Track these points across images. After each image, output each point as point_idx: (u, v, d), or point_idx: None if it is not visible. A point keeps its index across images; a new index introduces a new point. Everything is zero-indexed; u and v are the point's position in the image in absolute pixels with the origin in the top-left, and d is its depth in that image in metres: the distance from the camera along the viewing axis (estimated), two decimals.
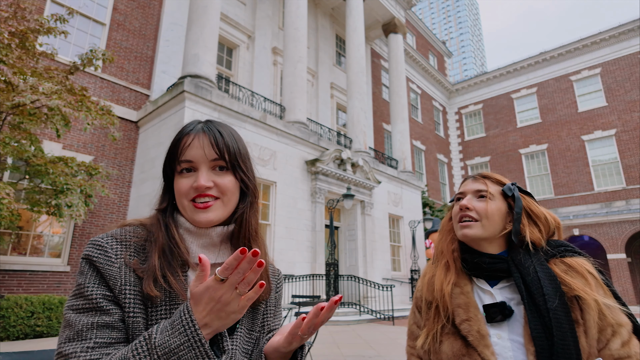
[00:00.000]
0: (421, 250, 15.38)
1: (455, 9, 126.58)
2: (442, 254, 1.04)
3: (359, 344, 6.60)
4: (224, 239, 0.79)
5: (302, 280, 9.88)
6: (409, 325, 1.11)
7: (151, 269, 0.70)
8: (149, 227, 0.77)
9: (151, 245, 0.73)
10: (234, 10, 12.95)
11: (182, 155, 0.75)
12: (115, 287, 0.68)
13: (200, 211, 0.74)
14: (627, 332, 0.83)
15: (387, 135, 19.85)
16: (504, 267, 0.93)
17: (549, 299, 0.84)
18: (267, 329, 0.86)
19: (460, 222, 0.99)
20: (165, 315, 0.69)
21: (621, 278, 16.99)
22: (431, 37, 26.53)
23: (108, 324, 0.65)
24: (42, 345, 5.70)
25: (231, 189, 0.76)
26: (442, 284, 0.98)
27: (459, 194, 1.05)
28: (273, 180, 10.04)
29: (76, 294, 0.67)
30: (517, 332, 0.88)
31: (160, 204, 0.80)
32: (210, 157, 0.75)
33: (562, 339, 0.80)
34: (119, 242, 0.72)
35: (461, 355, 0.90)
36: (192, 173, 0.75)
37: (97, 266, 0.69)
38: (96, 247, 0.70)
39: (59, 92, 5.20)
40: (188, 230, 0.77)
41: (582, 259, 0.93)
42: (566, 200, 20.36)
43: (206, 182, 0.73)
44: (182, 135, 0.77)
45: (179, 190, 0.75)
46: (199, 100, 8.58)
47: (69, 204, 5.33)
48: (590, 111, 20.67)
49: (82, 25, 9.59)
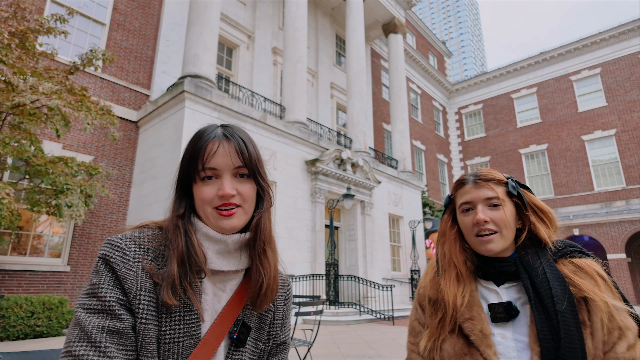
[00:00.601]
0: (421, 250, 15.38)
1: (455, 9, 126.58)
2: (451, 265, 0.97)
3: (359, 344, 6.60)
4: (240, 247, 0.78)
5: (302, 280, 9.88)
6: (411, 322, 1.09)
7: (170, 277, 0.69)
8: (166, 231, 0.76)
9: (170, 251, 0.72)
10: (234, 10, 12.95)
11: (208, 163, 0.75)
12: (131, 292, 0.67)
13: (225, 218, 0.74)
14: (633, 336, 0.82)
15: (387, 135, 19.85)
16: (513, 270, 0.91)
17: (557, 301, 0.83)
18: (275, 341, 0.85)
19: (479, 237, 0.93)
20: (178, 322, 0.69)
21: (621, 278, 16.99)
22: (431, 37, 26.53)
23: (119, 330, 0.64)
24: (42, 345, 5.69)
25: (252, 196, 0.78)
26: (456, 297, 0.93)
27: (465, 204, 0.97)
28: (273, 180, 10.03)
29: (89, 293, 0.67)
30: (522, 332, 0.87)
31: (178, 209, 0.79)
32: (234, 165, 0.75)
33: (569, 341, 0.79)
34: (138, 246, 0.72)
35: (463, 354, 0.89)
36: (213, 180, 0.75)
37: (113, 267, 0.68)
38: (114, 247, 0.70)
39: (59, 92, 5.19)
40: (206, 236, 0.76)
41: (591, 260, 0.91)
42: (566, 200, 20.36)
43: (231, 190, 0.74)
44: (206, 142, 0.76)
45: (202, 198, 0.75)
46: (199, 100, 8.58)
47: (69, 204, 5.33)
48: (590, 111, 20.67)
49: (82, 25, 9.59)
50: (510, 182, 0.97)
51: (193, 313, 0.71)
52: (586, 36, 21.29)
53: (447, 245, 1.00)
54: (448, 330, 0.93)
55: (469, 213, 0.96)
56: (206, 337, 0.72)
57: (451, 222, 1.03)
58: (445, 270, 0.99)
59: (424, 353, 0.98)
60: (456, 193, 1.02)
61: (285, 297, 0.90)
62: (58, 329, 6.66)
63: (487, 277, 0.95)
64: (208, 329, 0.73)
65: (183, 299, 0.70)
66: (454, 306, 0.93)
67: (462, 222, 0.98)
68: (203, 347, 0.71)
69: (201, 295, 0.74)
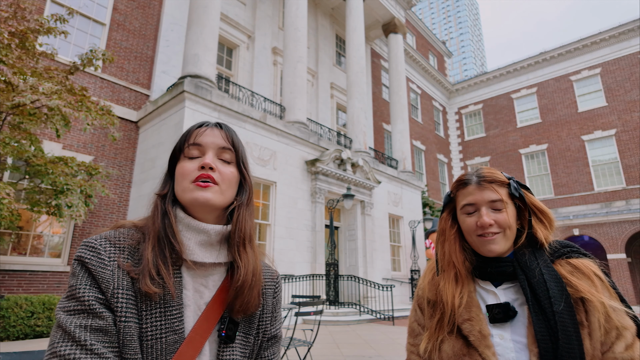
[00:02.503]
0: (421, 250, 15.38)
1: (455, 9, 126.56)
2: (450, 265, 0.98)
3: (359, 344, 6.59)
4: (221, 240, 0.78)
5: (302, 281, 9.88)
6: (410, 323, 1.09)
7: (146, 263, 0.69)
8: (143, 228, 0.76)
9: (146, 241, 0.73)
10: (234, 10, 12.95)
11: (194, 140, 0.78)
12: (108, 291, 0.67)
13: (200, 189, 0.74)
14: (631, 336, 0.83)
15: (387, 135, 19.85)
16: (510, 270, 0.92)
17: (554, 302, 0.83)
18: (266, 334, 0.85)
19: (481, 236, 0.93)
20: (159, 318, 0.69)
21: (621, 278, 16.98)
22: (431, 37, 26.52)
23: (102, 328, 0.64)
24: (42, 345, 5.69)
25: (231, 178, 0.79)
26: (454, 298, 0.94)
27: (469, 205, 0.96)
28: (273, 180, 10.03)
29: (68, 296, 0.66)
30: (520, 333, 0.87)
31: (162, 189, 0.81)
32: (220, 145, 0.79)
33: (567, 342, 0.79)
34: (113, 245, 0.71)
35: (462, 355, 0.88)
36: (197, 159, 0.78)
37: (89, 268, 0.68)
38: (89, 249, 0.70)
39: (59, 92, 5.19)
40: (188, 226, 0.76)
41: (588, 260, 0.91)
42: (566, 200, 20.36)
43: (212, 161, 0.76)
44: (195, 127, 0.82)
45: (182, 172, 0.76)
46: (199, 100, 8.58)
47: (69, 204, 5.33)
48: (590, 111, 20.67)
49: (82, 25, 9.58)
50: (512, 184, 0.96)
51: (174, 307, 0.70)
52: (586, 36, 21.29)
53: (447, 245, 0.99)
54: (447, 331, 0.93)
55: (471, 215, 0.95)
56: (191, 335, 0.71)
57: (451, 221, 1.02)
58: (444, 270, 0.99)
59: (424, 355, 0.97)
60: (458, 193, 1.01)
61: (275, 290, 0.90)
62: None
63: (484, 277, 0.95)
64: (193, 326, 0.72)
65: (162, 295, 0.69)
66: (452, 306, 0.93)
67: (464, 222, 0.97)
68: (188, 345, 0.71)
69: (182, 290, 0.73)
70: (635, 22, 19.85)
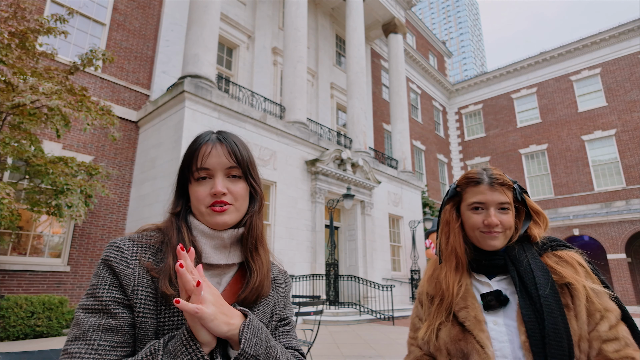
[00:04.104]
0: (421, 250, 15.38)
1: (455, 9, 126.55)
2: (453, 255, 1.04)
3: (359, 344, 6.60)
4: (234, 241, 0.83)
5: (302, 280, 9.88)
6: (412, 318, 1.17)
7: (166, 269, 0.74)
8: (164, 230, 0.82)
9: (166, 246, 0.78)
10: (234, 10, 12.95)
11: (201, 164, 0.80)
12: (129, 288, 0.71)
13: (217, 214, 0.79)
14: (614, 318, 0.89)
15: (387, 135, 19.85)
16: (501, 263, 1.00)
17: (540, 287, 0.91)
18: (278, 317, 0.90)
19: (485, 233, 1.00)
20: (177, 313, 0.73)
21: (621, 278, 16.98)
22: (431, 37, 26.53)
23: (114, 328, 0.68)
24: (42, 345, 5.69)
25: (243, 195, 0.83)
26: (454, 284, 1.01)
27: (478, 203, 1.01)
28: (273, 180, 10.03)
29: (88, 294, 0.72)
30: (511, 317, 0.94)
31: (175, 207, 0.85)
32: (226, 165, 0.81)
33: (553, 323, 0.86)
34: (136, 244, 0.77)
35: (458, 340, 0.95)
36: (207, 180, 0.81)
37: (112, 266, 0.73)
38: (114, 248, 0.75)
39: (59, 92, 5.19)
40: (202, 233, 0.81)
41: (572, 251, 1.00)
42: (566, 200, 20.35)
43: (222, 188, 0.79)
44: (200, 145, 0.83)
45: (196, 197, 0.81)
46: (199, 100, 8.58)
47: (69, 204, 5.33)
48: (590, 111, 20.66)
49: (82, 25, 9.58)
50: (517, 189, 1.04)
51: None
52: (586, 36, 21.28)
53: (452, 236, 1.05)
54: (444, 316, 1.00)
55: (479, 212, 1.02)
56: None
57: (455, 214, 1.08)
58: (446, 260, 1.06)
59: (422, 345, 1.05)
60: (467, 189, 1.06)
61: (285, 280, 0.96)
62: (58, 329, 6.66)
63: (480, 270, 1.03)
64: None
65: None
66: (451, 293, 1.01)
67: (470, 218, 1.03)
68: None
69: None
70: (635, 22, 19.84)
